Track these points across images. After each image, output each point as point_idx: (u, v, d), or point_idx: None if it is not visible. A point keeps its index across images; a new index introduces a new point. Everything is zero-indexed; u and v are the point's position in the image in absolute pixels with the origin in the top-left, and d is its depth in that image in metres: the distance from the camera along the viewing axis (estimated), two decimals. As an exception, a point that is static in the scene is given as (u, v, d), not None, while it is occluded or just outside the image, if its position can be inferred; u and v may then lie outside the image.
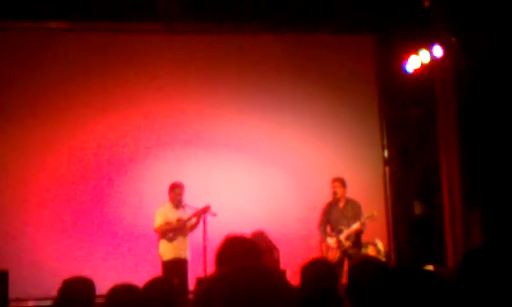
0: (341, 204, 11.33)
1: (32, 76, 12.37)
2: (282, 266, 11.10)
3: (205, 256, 10.47)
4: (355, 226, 11.11)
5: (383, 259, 10.66)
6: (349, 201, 11.35)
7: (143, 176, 12.53)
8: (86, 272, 5.78)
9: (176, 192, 11.04)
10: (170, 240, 10.90)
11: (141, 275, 6.46)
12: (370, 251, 10.89)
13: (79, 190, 12.33)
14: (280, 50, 13.14)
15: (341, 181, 11.36)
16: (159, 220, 10.93)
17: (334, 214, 11.30)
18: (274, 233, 11.49)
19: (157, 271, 10.04)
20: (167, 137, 12.73)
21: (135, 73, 12.68)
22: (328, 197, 11.41)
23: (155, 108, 12.70)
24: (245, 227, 10.68)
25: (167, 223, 10.91)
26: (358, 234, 11.18)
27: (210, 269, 8.78)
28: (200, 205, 10.94)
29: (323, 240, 11.32)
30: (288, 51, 13.15)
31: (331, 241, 11.22)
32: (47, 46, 12.41)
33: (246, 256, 3.86)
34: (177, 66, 12.84)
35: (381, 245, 11.18)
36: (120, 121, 12.61)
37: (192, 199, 11.07)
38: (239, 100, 12.98)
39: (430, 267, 9.95)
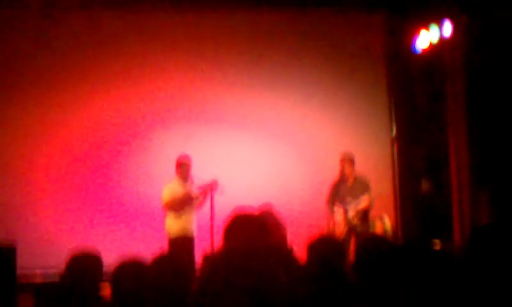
0: (349, 182, 11.33)
1: (34, 54, 12.32)
2: (289, 243, 11.14)
3: (212, 232, 10.45)
4: (363, 203, 11.12)
5: (390, 236, 10.67)
6: (357, 178, 11.33)
7: (150, 152, 12.55)
8: (92, 246, 5.76)
9: (183, 168, 10.97)
10: (178, 217, 10.82)
11: (147, 250, 6.44)
12: (378, 227, 10.89)
13: (86, 164, 12.35)
14: (288, 26, 13.08)
15: (349, 160, 11.33)
16: (166, 196, 10.87)
17: (342, 191, 11.30)
18: (281, 209, 11.45)
19: (163, 247, 10.01)
20: (174, 112, 12.73)
21: (138, 50, 12.65)
22: (336, 173, 11.40)
23: (162, 84, 12.68)
24: (252, 203, 10.77)
25: (173, 198, 10.83)
26: (365, 211, 11.18)
27: (217, 246, 8.79)
28: (207, 179, 10.93)
29: (330, 217, 11.33)
30: (297, 27, 13.09)
31: (338, 218, 11.22)
32: (49, 25, 12.33)
33: (253, 233, 3.85)
34: (184, 43, 12.80)
35: (388, 221, 11.18)
36: (125, 97, 12.61)
37: (200, 174, 11.03)
38: (247, 76, 12.93)
39: (436, 242, 9.97)
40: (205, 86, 12.77)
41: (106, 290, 5.01)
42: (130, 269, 4.70)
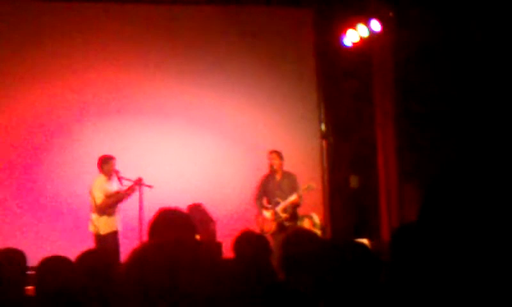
0: (278, 177, 11.38)
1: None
2: (220, 238, 11.13)
3: (140, 228, 10.40)
4: (292, 197, 11.18)
5: (319, 232, 10.72)
6: (285, 174, 11.40)
7: (76, 148, 12.29)
8: (15, 245, 5.69)
9: (109, 164, 10.92)
10: (110, 214, 10.83)
11: (72, 247, 6.38)
12: (306, 223, 10.93)
13: (9, 160, 12.08)
14: (218, 20, 13.05)
15: (278, 154, 11.42)
16: (99, 195, 10.80)
17: (271, 186, 11.35)
18: (212, 204, 11.48)
19: (88, 243, 9.85)
20: (102, 107, 12.51)
21: (65, 43, 12.45)
22: (264, 170, 11.45)
23: (85, 78, 12.45)
24: (182, 199, 10.73)
25: (107, 197, 10.82)
26: (294, 206, 11.25)
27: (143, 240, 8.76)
28: (132, 176, 10.91)
29: (259, 213, 11.37)
30: (227, 22, 13.06)
31: (267, 213, 11.26)
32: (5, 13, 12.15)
33: (178, 228, 3.85)
34: (112, 35, 12.64)
35: (317, 218, 11.22)
36: (52, 91, 12.33)
37: (129, 171, 10.98)
38: (176, 72, 12.84)
39: (365, 241, 10.03)
40: (133, 81, 12.64)
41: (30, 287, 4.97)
42: (54, 263, 4.67)
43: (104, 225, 10.78)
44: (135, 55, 12.66)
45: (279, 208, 11.19)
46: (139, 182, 10.88)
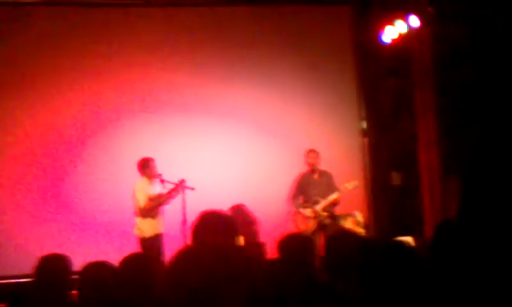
0: (316, 176, 11.37)
1: (3, 51, 12.19)
2: (264, 239, 11.15)
3: (184, 231, 10.42)
4: (334, 195, 11.16)
5: (362, 230, 10.69)
6: (322, 173, 11.39)
7: (115, 149, 12.36)
8: (58, 250, 5.75)
9: (149, 166, 10.98)
10: (153, 217, 10.89)
11: (116, 251, 6.43)
12: (349, 223, 10.90)
13: (49, 165, 12.13)
14: (255, 21, 13.06)
15: (317, 152, 11.41)
16: (142, 197, 10.88)
17: (308, 185, 11.34)
18: (253, 205, 11.49)
19: (131, 247, 9.91)
20: (139, 108, 12.54)
21: (104, 45, 12.48)
22: (304, 169, 11.44)
23: (124, 78, 12.51)
24: (225, 200, 10.76)
25: (151, 199, 10.87)
26: (334, 204, 11.23)
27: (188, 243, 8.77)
28: (175, 179, 10.94)
29: (296, 212, 11.34)
30: (265, 22, 13.06)
31: (306, 212, 11.23)
32: (19, 20, 12.20)
33: (220, 232, 3.87)
34: (151, 37, 12.68)
35: (360, 216, 11.17)
36: (90, 95, 12.37)
37: (171, 174, 11.02)
38: (217, 72, 12.86)
39: (409, 239, 9.97)
40: (174, 83, 12.67)
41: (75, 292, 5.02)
42: (97, 269, 4.72)
43: (148, 228, 10.84)
44: (176, 56, 12.69)
45: (319, 207, 11.17)
46: (181, 184, 10.91)
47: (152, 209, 10.86)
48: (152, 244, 10.64)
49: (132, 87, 12.54)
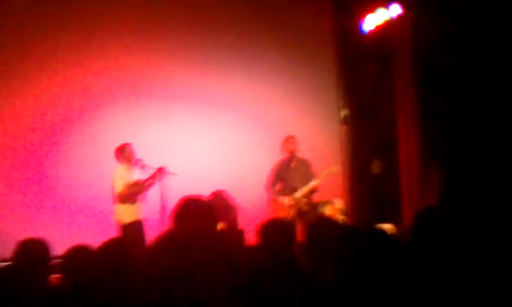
0: (294, 163, 11.37)
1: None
2: (244, 225, 11.16)
3: (162, 217, 10.41)
4: (313, 183, 11.17)
5: (343, 217, 10.71)
6: (301, 160, 11.40)
7: (96, 136, 12.29)
8: (38, 234, 5.72)
9: (126, 151, 10.94)
10: (131, 203, 10.86)
11: (95, 236, 6.39)
12: (328, 210, 10.91)
13: (29, 151, 12.04)
14: (240, 9, 13.05)
15: (296, 139, 11.42)
16: (119, 183, 10.84)
17: (287, 172, 11.34)
18: (234, 191, 11.48)
19: (111, 233, 9.88)
20: (121, 95, 12.52)
21: (84, 32, 12.37)
22: (282, 157, 11.46)
23: (102, 66, 12.40)
24: (205, 186, 10.75)
25: (128, 186, 10.84)
26: (313, 192, 11.24)
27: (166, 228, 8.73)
28: (156, 165, 10.91)
29: (274, 199, 11.35)
30: (248, 11, 13.07)
31: (285, 199, 11.24)
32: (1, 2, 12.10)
33: (200, 217, 3.87)
34: (130, 22, 12.59)
35: (340, 203, 11.20)
36: (71, 82, 12.27)
37: (152, 160, 10.98)
38: (197, 59, 12.85)
39: (389, 226, 9.98)
40: (153, 68, 12.63)
41: (54, 276, 5.01)
42: (80, 253, 4.74)
43: (126, 214, 10.80)
44: (155, 42, 12.63)
45: (299, 194, 11.18)
46: (160, 171, 10.87)
47: (130, 195, 10.81)
48: (131, 230, 10.57)
49: (113, 74, 12.47)
